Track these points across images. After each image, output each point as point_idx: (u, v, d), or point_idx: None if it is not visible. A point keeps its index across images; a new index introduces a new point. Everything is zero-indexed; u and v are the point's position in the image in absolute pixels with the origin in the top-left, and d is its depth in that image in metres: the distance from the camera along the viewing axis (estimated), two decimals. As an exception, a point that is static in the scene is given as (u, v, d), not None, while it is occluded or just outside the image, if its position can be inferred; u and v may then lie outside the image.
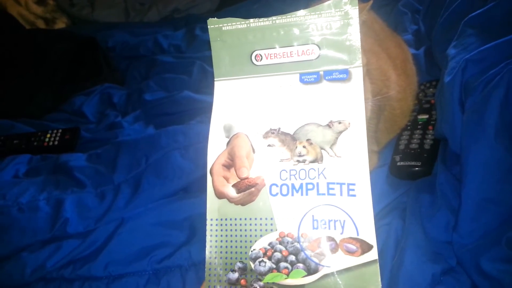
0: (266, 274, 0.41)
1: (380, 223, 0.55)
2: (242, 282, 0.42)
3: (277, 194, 0.43)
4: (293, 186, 0.43)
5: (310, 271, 0.40)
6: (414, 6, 1.05)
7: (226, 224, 0.44)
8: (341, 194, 0.42)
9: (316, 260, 0.41)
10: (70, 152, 0.87)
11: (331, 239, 0.41)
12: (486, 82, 0.49)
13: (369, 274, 0.39)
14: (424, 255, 0.48)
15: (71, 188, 0.71)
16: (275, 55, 0.45)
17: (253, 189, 0.43)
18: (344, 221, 0.41)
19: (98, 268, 0.58)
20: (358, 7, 0.43)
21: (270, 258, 0.42)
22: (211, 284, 0.43)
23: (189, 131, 0.81)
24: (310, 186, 0.42)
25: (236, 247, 0.43)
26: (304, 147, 0.43)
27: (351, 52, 0.44)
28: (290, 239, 0.42)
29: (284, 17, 0.45)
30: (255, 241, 0.42)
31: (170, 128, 0.83)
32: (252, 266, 0.42)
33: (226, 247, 0.43)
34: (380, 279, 0.39)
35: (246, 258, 0.42)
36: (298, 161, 0.43)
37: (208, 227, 0.44)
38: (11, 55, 1.16)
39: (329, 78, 0.44)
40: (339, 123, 0.43)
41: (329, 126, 0.43)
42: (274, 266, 0.41)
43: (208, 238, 0.44)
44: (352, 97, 0.43)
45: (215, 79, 0.47)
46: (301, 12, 0.44)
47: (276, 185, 0.43)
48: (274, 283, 0.41)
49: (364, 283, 0.39)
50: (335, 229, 0.41)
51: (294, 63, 0.45)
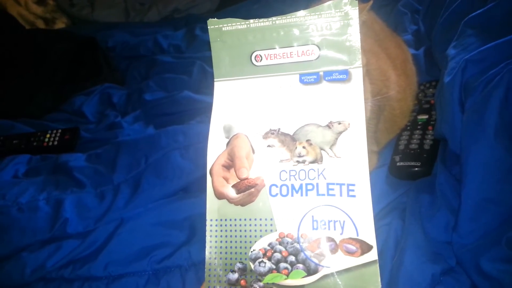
0: (266, 274, 0.41)
1: (380, 223, 0.55)
2: (242, 282, 0.42)
3: (276, 194, 0.43)
4: (292, 186, 0.43)
5: (310, 272, 0.40)
6: (414, 6, 1.05)
7: (226, 225, 0.44)
8: (340, 195, 0.42)
9: (316, 261, 0.41)
10: (70, 152, 0.87)
11: (330, 239, 0.41)
12: (486, 82, 0.49)
13: (369, 274, 0.39)
14: (423, 255, 0.48)
15: (70, 188, 0.71)
16: (275, 55, 0.45)
17: (252, 189, 0.43)
18: (343, 221, 0.41)
19: (98, 268, 0.57)
20: (358, 8, 0.43)
21: (270, 259, 0.42)
22: (211, 285, 0.43)
23: (189, 131, 0.81)
24: (309, 187, 0.42)
25: (236, 247, 0.43)
26: (304, 147, 0.43)
27: (351, 52, 0.44)
28: (290, 240, 0.42)
29: (284, 17, 0.45)
30: (255, 241, 0.42)
31: (170, 128, 0.83)
32: (252, 266, 0.42)
33: (226, 247, 0.43)
34: (380, 280, 0.39)
35: (246, 259, 0.42)
36: (298, 161, 0.43)
37: (208, 228, 0.44)
38: (11, 55, 1.15)
39: (329, 78, 0.44)
40: (339, 123, 0.43)
41: (328, 126, 0.43)
42: (274, 267, 0.41)
43: (208, 239, 0.44)
44: (352, 97, 0.43)
45: (215, 80, 0.47)
46: (301, 12, 0.44)
47: (276, 185, 0.43)
48: (274, 283, 0.41)
49: (364, 284, 0.39)
50: (334, 229, 0.41)
51: (294, 63, 0.45)
